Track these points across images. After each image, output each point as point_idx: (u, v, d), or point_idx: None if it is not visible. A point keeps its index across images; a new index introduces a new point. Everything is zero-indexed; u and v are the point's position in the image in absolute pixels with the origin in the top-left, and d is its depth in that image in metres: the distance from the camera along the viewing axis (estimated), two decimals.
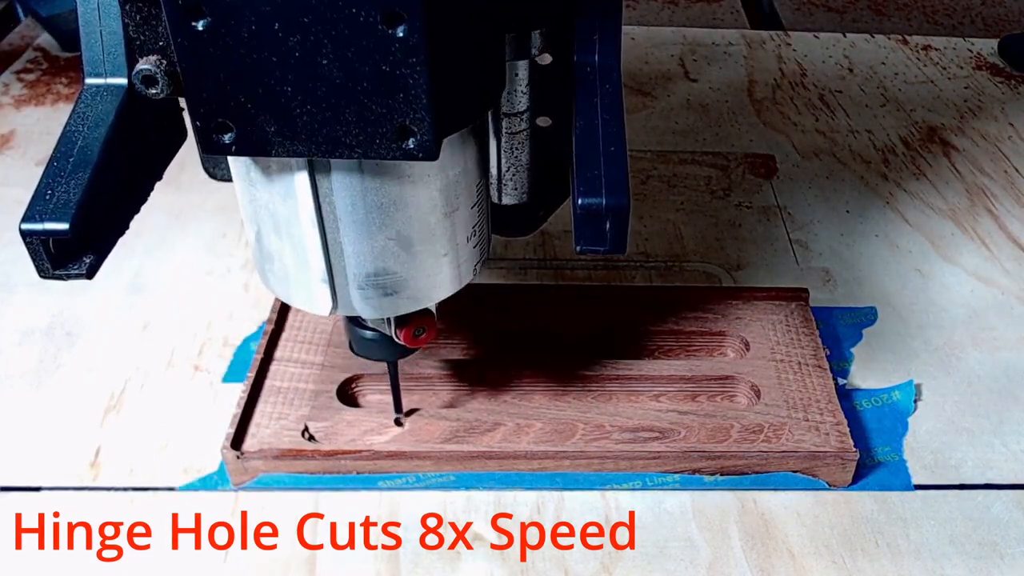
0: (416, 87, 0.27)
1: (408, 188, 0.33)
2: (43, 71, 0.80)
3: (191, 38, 0.27)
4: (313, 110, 0.28)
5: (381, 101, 0.28)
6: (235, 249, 0.59)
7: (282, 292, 0.36)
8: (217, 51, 0.27)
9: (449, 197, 0.34)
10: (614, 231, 0.33)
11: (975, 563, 0.42)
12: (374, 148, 0.29)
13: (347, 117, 0.28)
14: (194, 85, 0.28)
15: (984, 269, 0.60)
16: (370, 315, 0.37)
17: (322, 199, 0.32)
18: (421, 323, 0.38)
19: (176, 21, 0.26)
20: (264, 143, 0.29)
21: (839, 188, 0.68)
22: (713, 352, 0.52)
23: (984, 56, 0.88)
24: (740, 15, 0.97)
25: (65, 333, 0.53)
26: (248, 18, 0.26)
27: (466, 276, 0.38)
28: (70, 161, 0.31)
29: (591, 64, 0.36)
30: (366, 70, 0.27)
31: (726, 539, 0.42)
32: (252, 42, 0.27)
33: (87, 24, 0.32)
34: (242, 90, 0.28)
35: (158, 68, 0.29)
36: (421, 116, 0.28)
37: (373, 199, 0.33)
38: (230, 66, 0.27)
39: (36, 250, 0.31)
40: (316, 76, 0.27)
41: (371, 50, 0.27)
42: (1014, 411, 0.50)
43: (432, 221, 0.34)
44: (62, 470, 0.45)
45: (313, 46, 0.27)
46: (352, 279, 0.35)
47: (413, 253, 0.35)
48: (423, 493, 0.44)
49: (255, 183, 0.33)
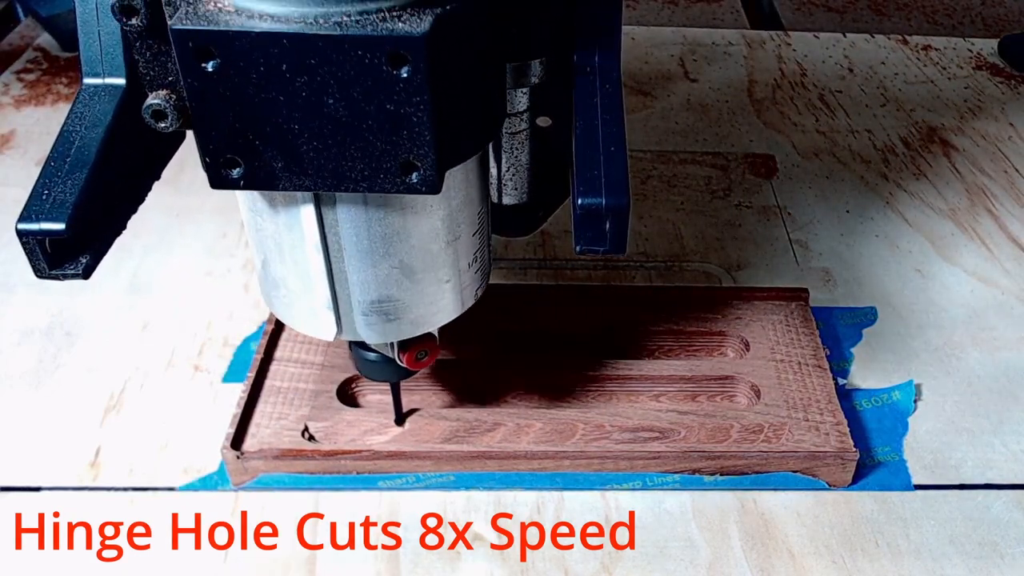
0: (419, 124, 0.28)
1: (411, 219, 0.34)
2: (43, 71, 0.80)
3: (201, 79, 0.27)
4: (319, 146, 0.29)
5: (385, 138, 0.29)
6: (235, 249, 0.59)
7: (287, 317, 0.37)
8: (226, 91, 0.28)
9: (451, 226, 0.35)
10: (614, 231, 0.33)
11: (975, 563, 0.42)
12: (379, 182, 0.30)
13: (352, 153, 0.29)
14: (203, 122, 0.28)
15: (984, 269, 0.60)
16: (374, 340, 0.37)
17: (327, 229, 0.33)
18: (423, 347, 0.39)
19: (187, 62, 0.27)
20: (271, 178, 0.30)
21: (839, 188, 0.68)
22: (713, 352, 0.52)
23: (984, 56, 0.88)
24: (740, 15, 0.97)
25: (65, 333, 0.53)
26: (257, 61, 0.27)
27: (468, 301, 0.39)
28: (67, 161, 0.31)
29: (591, 64, 0.36)
30: (371, 109, 0.28)
31: (726, 539, 0.42)
32: (260, 83, 0.27)
33: (85, 24, 0.32)
34: (250, 128, 0.28)
35: (167, 103, 0.30)
36: (424, 152, 0.29)
37: (377, 230, 0.33)
38: (238, 105, 0.28)
39: (32, 250, 0.31)
40: (322, 115, 0.28)
41: (376, 90, 0.28)
42: (1014, 411, 0.50)
43: (435, 249, 0.35)
44: (62, 470, 0.45)
45: (320, 86, 0.27)
46: (356, 306, 0.35)
47: (416, 280, 0.35)
48: (423, 493, 0.44)
49: (261, 213, 0.34)
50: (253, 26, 0.27)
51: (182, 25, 0.27)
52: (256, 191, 0.33)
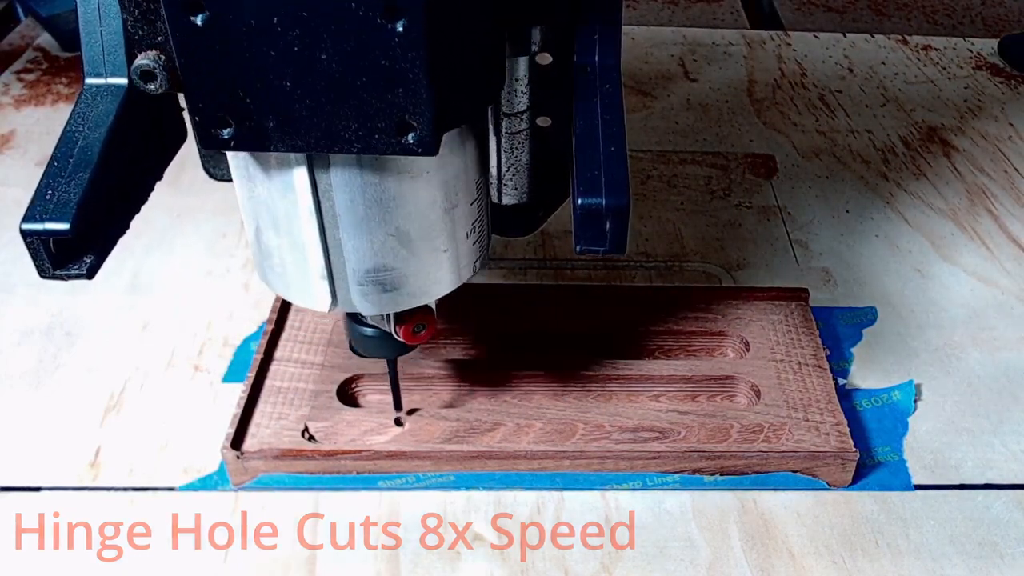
0: (416, 81, 0.27)
1: (408, 184, 0.33)
2: (43, 71, 0.80)
3: (189, 33, 0.27)
4: (312, 105, 0.28)
5: (381, 95, 0.28)
6: (235, 249, 0.59)
7: (281, 289, 0.36)
8: (215, 46, 0.27)
9: (449, 193, 0.34)
10: (614, 231, 0.33)
11: (975, 563, 0.42)
12: (373, 143, 0.29)
13: (346, 112, 0.28)
14: (192, 80, 0.28)
15: (984, 269, 0.60)
16: (369, 311, 0.37)
17: (321, 195, 0.32)
18: (420, 320, 0.38)
19: (174, 16, 0.26)
20: (263, 138, 0.29)
21: (839, 188, 0.68)
22: (713, 352, 0.52)
23: (984, 56, 0.88)
24: (740, 15, 0.97)
25: (65, 333, 0.53)
26: (247, 12, 0.26)
27: (466, 273, 0.38)
28: (70, 161, 0.31)
29: (591, 64, 0.36)
30: (365, 64, 0.27)
31: (726, 539, 0.42)
32: (251, 37, 0.27)
33: (87, 24, 0.32)
34: (241, 85, 0.28)
35: (157, 63, 0.29)
36: (421, 110, 0.28)
37: (372, 195, 0.32)
38: (228, 61, 0.27)
39: (36, 250, 0.31)
40: (315, 71, 0.27)
41: (371, 44, 0.27)
42: (1014, 411, 0.50)
43: (432, 217, 0.34)
44: (62, 470, 0.45)
45: (312, 40, 0.27)
46: (351, 275, 0.35)
47: (412, 249, 0.35)
48: (423, 493, 0.44)
49: (254, 179, 0.33)
50: None
51: None
52: (248, 154, 0.32)
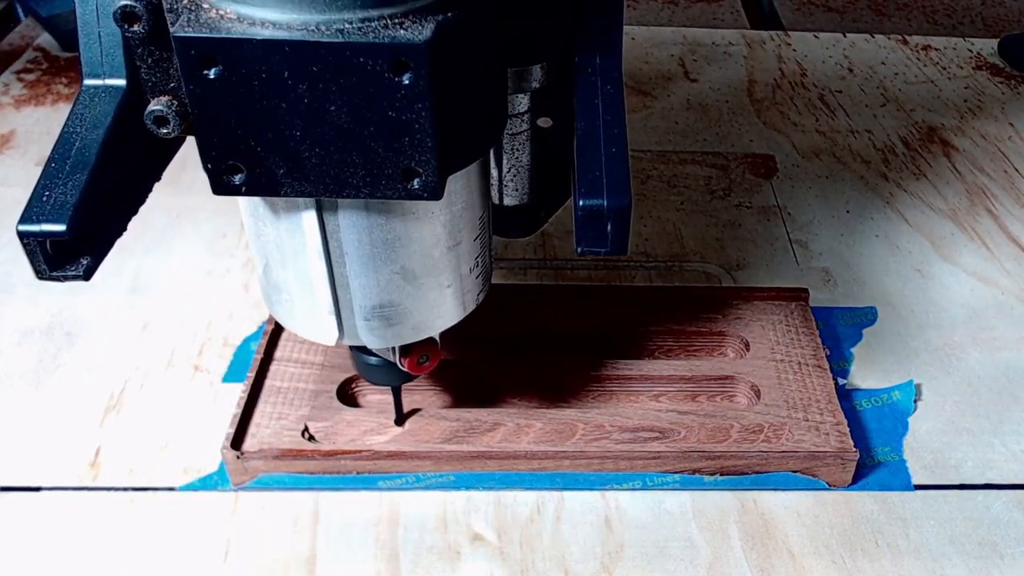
0: (421, 131, 0.28)
1: (413, 224, 0.34)
2: (43, 71, 0.80)
3: (203, 86, 0.27)
4: (321, 153, 0.29)
5: (387, 144, 0.29)
6: (235, 249, 0.59)
7: (289, 322, 0.37)
8: (228, 98, 0.28)
9: (453, 232, 0.35)
10: (615, 232, 0.33)
11: (975, 563, 0.42)
12: (380, 189, 0.30)
13: (354, 159, 0.29)
14: (205, 129, 0.28)
15: (984, 269, 0.60)
16: (375, 345, 0.38)
17: (329, 236, 0.33)
18: (425, 351, 0.39)
19: (189, 69, 0.27)
20: (273, 184, 0.30)
21: (839, 188, 0.68)
22: (713, 352, 0.52)
23: (984, 56, 0.88)
24: (740, 15, 0.97)
25: (65, 333, 0.53)
26: (259, 68, 0.27)
27: (469, 306, 0.39)
28: (68, 162, 0.31)
29: (592, 65, 0.36)
30: (373, 116, 0.28)
31: (726, 539, 0.42)
32: (262, 90, 0.27)
33: (85, 25, 0.32)
34: (252, 134, 0.29)
35: (170, 109, 0.30)
36: (426, 158, 0.29)
37: (379, 235, 0.33)
38: (241, 112, 0.28)
39: (33, 251, 0.31)
40: (324, 121, 0.28)
41: (378, 97, 0.28)
42: (1014, 411, 0.50)
43: (436, 255, 0.35)
44: (62, 470, 0.45)
45: (322, 93, 0.28)
46: (358, 311, 0.35)
47: (417, 285, 0.35)
48: (423, 493, 0.44)
49: (263, 219, 0.34)
50: (255, 33, 0.27)
51: (184, 32, 0.27)
52: (258, 197, 0.33)
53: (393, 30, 0.27)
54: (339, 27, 0.27)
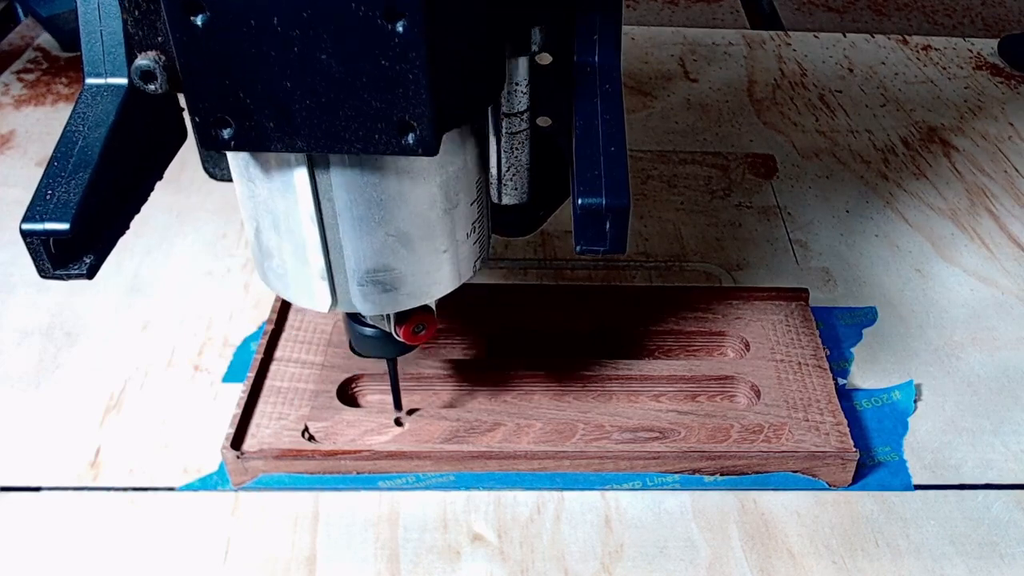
0: (416, 82, 0.27)
1: (408, 184, 0.33)
2: (43, 71, 0.80)
3: (189, 33, 0.27)
4: (312, 105, 0.28)
5: (381, 96, 0.28)
6: (235, 249, 0.59)
7: (281, 289, 0.36)
8: (215, 47, 0.27)
9: (449, 193, 0.34)
10: (614, 231, 0.33)
11: (975, 563, 0.42)
12: (374, 143, 0.29)
13: (346, 112, 0.28)
14: (192, 81, 0.28)
15: (984, 269, 0.60)
16: (370, 312, 0.37)
17: (321, 195, 0.32)
18: (420, 320, 0.38)
19: (175, 17, 0.26)
20: (263, 139, 0.29)
21: (839, 188, 0.68)
22: (713, 352, 0.52)
23: (984, 56, 0.88)
24: (740, 15, 0.97)
25: (65, 333, 0.53)
26: (247, 13, 0.26)
27: (466, 273, 0.38)
28: (70, 161, 0.31)
29: (591, 64, 0.35)
30: (366, 65, 0.27)
31: (726, 539, 0.42)
32: (251, 37, 0.27)
33: (87, 24, 0.32)
34: (241, 86, 0.28)
35: (156, 63, 0.29)
36: (421, 111, 0.28)
37: (373, 195, 0.32)
38: (229, 62, 0.27)
39: (36, 250, 0.31)
40: (315, 71, 0.27)
41: (371, 45, 0.27)
42: (1014, 411, 0.50)
43: (432, 217, 0.34)
44: (62, 470, 0.45)
45: (313, 41, 0.27)
46: (352, 275, 0.35)
47: (412, 249, 0.35)
48: (423, 493, 0.44)
49: (254, 179, 0.33)
50: None
51: None
52: (248, 155, 0.32)
53: None
54: None
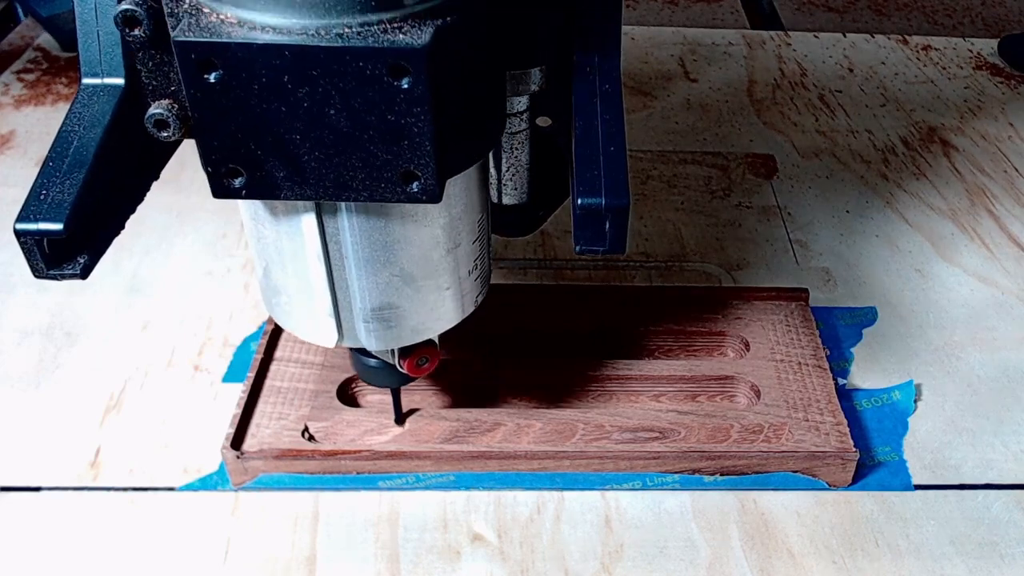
0: (420, 134, 0.28)
1: (412, 227, 0.34)
2: (43, 71, 0.80)
3: (204, 90, 0.27)
4: (321, 156, 0.29)
5: (386, 148, 0.29)
6: (235, 249, 0.59)
7: (289, 324, 0.37)
8: (228, 102, 0.28)
9: (452, 234, 0.35)
10: (614, 231, 0.33)
11: (975, 563, 0.42)
12: (380, 191, 0.30)
13: (354, 163, 0.29)
14: (206, 133, 0.29)
15: (984, 269, 0.60)
16: (375, 347, 0.38)
17: (329, 238, 0.33)
18: (424, 353, 0.39)
19: (189, 73, 0.27)
20: (273, 188, 0.30)
21: (839, 188, 0.68)
22: (713, 352, 0.52)
23: (984, 56, 0.88)
24: (740, 15, 0.97)
25: (65, 333, 0.53)
26: (259, 72, 0.27)
27: (468, 308, 0.39)
28: (65, 161, 0.31)
29: (591, 64, 0.36)
30: (372, 119, 0.28)
31: (726, 539, 0.42)
32: (262, 94, 0.28)
33: (84, 24, 0.32)
34: (252, 138, 0.29)
35: (170, 112, 0.30)
36: (425, 161, 0.29)
37: (379, 238, 0.33)
38: (241, 115, 0.28)
39: (31, 250, 0.31)
40: (324, 125, 0.28)
41: (377, 101, 0.28)
42: (1014, 411, 0.50)
43: (435, 257, 0.35)
44: (62, 470, 0.45)
45: (321, 97, 0.28)
46: (357, 313, 0.36)
47: (416, 288, 0.36)
48: (423, 493, 0.44)
49: (263, 222, 0.34)
50: (255, 38, 0.27)
51: (185, 37, 0.27)
52: (258, 200, 0.33)
53: (392, 35, 0.27)
54: (338, 31, 0.27)
